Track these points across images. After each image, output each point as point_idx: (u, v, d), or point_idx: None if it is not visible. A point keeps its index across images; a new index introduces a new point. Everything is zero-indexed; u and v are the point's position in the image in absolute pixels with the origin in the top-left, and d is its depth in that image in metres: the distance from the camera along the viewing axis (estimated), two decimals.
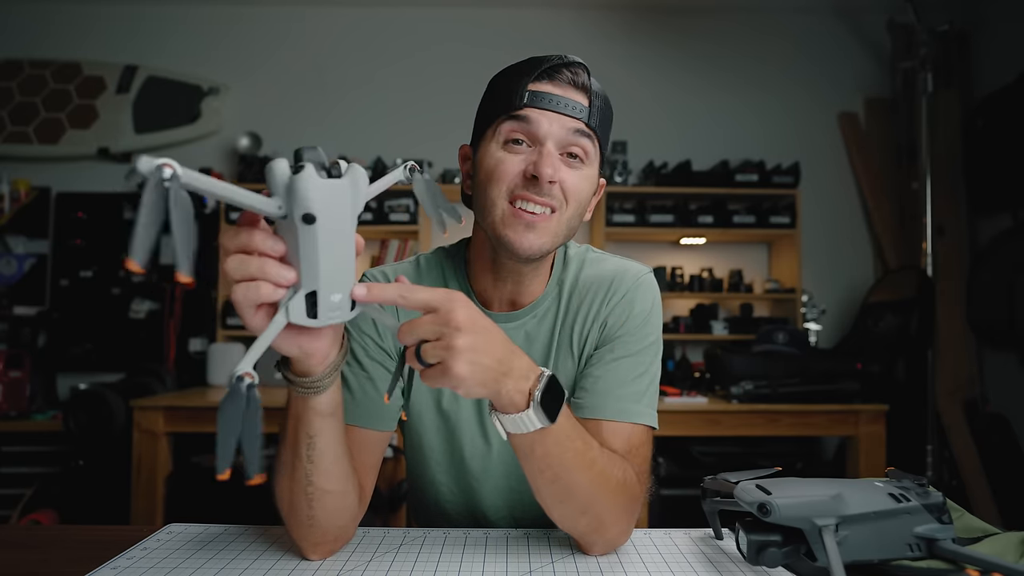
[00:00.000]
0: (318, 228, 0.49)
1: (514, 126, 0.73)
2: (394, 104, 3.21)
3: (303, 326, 0.53)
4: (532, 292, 0.84)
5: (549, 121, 0.72)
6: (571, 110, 0.72)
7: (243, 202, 0.47)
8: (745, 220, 2.92)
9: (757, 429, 2.30)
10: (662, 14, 3.24)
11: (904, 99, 3.12)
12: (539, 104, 0.72)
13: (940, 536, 0.60)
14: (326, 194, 0.49)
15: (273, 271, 0.51)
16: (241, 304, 0.52)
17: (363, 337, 0.82)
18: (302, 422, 0.63)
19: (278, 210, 0.49)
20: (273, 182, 0.48)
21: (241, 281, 0.51)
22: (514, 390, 0.59)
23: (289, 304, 0.51)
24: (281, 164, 0.48)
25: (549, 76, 0.73)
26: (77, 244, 2.99)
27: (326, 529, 0.68)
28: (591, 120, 0.74)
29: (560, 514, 0.67)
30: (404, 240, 3.04)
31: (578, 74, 0.74)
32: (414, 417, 0.86)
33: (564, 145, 0.73)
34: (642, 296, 0.83)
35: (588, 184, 0.76)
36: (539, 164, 0.71)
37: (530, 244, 0.73)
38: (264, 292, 0.51)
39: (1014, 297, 2.54)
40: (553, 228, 0.74)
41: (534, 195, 0.72)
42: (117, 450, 2.33)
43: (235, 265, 0.51)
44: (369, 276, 0.88)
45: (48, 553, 0.74)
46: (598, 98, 0.75)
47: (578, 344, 0.83)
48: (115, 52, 3.13)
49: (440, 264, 0.88)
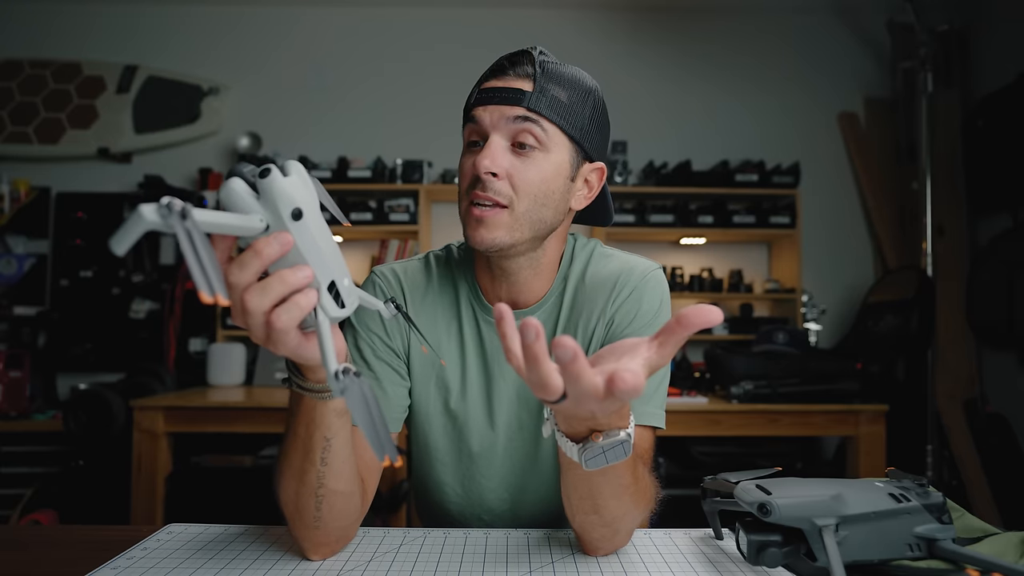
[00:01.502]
0: (308, 220, 0.49)
1: (470, 128, 0.75)
2: (394, 104, 3.21)
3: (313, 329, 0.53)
4: (535, 290, 0.83)
5: (490, 114, 0.73)
6: (509, 99, 0.72)
7: (232, 224, 0.46)
8: (745, 220, 2.92)
9: (757, 429, 2.30)
10: (663, 14, 3.24)
11: (904, 99, 3.12)
12: (483, 101, 0.73)
13: (940, 536, 0.60)
14: (299, 186, 0.49)
15: (294, 279, 0.48)
16: (285, 331, 0.48)
17: (371, 336, 0.82)
18: (319, 426, 0.62)
19: (260, 223, 0.47)
20: (242, 199, 0.47)
21: (273, 309, 0.48)
22: (574, 425, 0.55)
23: (321, 304, 0.51)
24: (238, 182, 0.47)
25: (495, 73, 0.75)
26: (77, 244, 2.98)
27: (330, 530, 0.68)
28: (534, 103, 0.72)
29: (580, 521, 0.67)
30: (404, 240, 3.04)
31: (520, 63, 0.73)
32: (421, 418, 0.86)
33: (511, 135, 0.73)
34: (650, 293, 0.81)
35: (540, 173, 0.74)
36: (476, 159, 0.72)
37: (482, 239, 0.73)
38: (304, 302, 0.48)
39: (1013, 297, 2.54)
40: (506, 222, 0.73)
41: (479, 191, 0.72)
42: (117, 450, 2.33)
43: (257, 300, 0.47)
44: (377, 274, 0.87)
45: (48, 553, 0.74)
46: (554, 82, 0.73)
47: (583, 343, 0.82)
48: (115, 52, 3.13)
49: (449, 263, 0.88)
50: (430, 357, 0.84)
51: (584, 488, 0.62)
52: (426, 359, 0.84)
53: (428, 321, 0.84)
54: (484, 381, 0.84)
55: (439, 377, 0.84)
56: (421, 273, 0.87)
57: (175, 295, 2.92)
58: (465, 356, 0.84)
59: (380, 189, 2.93)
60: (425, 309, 0.85)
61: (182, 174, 3.12)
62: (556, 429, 0.57)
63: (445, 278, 0.87)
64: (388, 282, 0.86)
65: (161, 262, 3.00)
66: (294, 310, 0.48)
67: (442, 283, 0.86)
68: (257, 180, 0.47)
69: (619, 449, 0.54)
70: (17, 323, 2.91)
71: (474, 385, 0.84)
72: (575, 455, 0.55)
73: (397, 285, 0.86)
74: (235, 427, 2.21)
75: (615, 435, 0.54)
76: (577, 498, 0.64)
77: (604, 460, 0.54)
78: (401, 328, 0.84)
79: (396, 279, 0.86)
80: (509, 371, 0.83)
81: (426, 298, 0.85)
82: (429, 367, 0.85)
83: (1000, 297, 2.60)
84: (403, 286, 0.86)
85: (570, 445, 0.56)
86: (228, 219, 0.45)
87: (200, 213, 0.41)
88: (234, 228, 0.46)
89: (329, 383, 0.49)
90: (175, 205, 0.39)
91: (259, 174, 0.47)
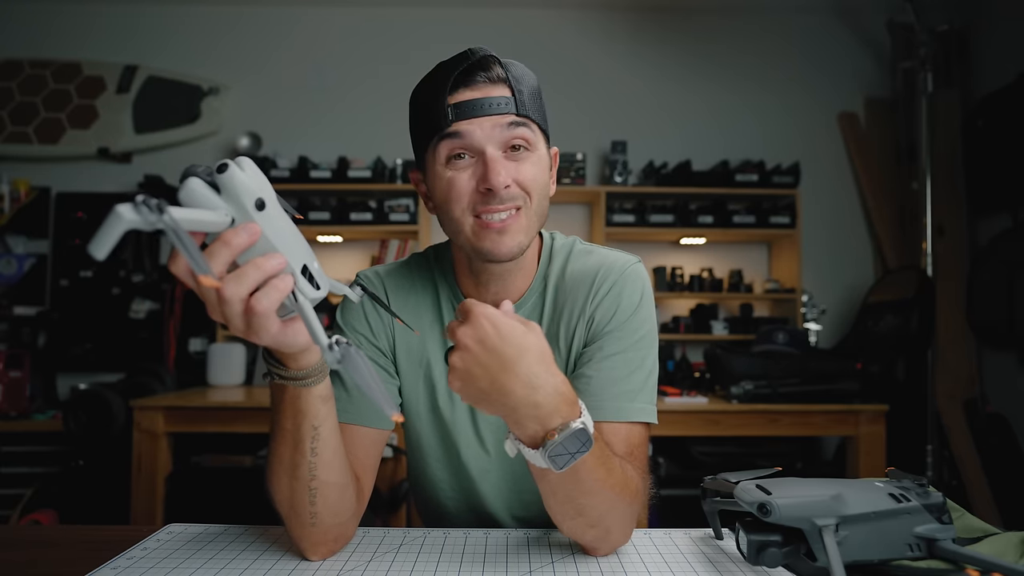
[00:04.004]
0: (270, 209, 0.50)
1: (450, 144, 0.72)
2: (394, 104, 3.17)
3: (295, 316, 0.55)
4: (518, 288, 0.83)
5: (481, 127, 0.71)
6: (498, 108, 0.71)
7: (203, 220, 0.47)
8: (745, 220, 2.92)
9: (757, 429, 2.30)
10: (663, 14, 3.24)
11: (904, 99, 3.12)
12: (465, 115, 0.71)
13: (940, 536, 0.60)
14: (257, 178, 0.50)
15: (268, 265, 0.49)
16: (266, 315, 0.50)
17: (356, 336, 0.83)
18: (306, 415, 0.62)
19: (225, 217, 0.48)
20: (203, 197, 0.48)
21: (251, 295, 0.49)
22: (525, 425, 0.57)
23: (298, 287, 0.52)
24: (196, 181, 0.48)
25: (464, 83, 0.71)
26: (77, 244, 2.98)
27: (328, 527, 0.68)
28: (520, 108, 0.72)
29: (569, 527, 0.67)
30: (404, 240, 3.04)
31: (491, 69, 0.72)
32: (411, 415, 0.86)
33: (504, 142, 0.72)
34: (630, 288, 0.80)
35: (540, 168, 0.75)
36: (488, 176, 0.70)
37: (508, 248, 0.73)
38: (282, 285, 0.50)
39: (1013, 297, 2.54)
40: (524, 224, 0.74)
41: (495, 205, 0.72)
42: (117, 450, 2.33)
43: (233, 288, 0.48)
44: (362, 276, 0.88)
45: (48, 553, 0.74)
46: (519, 81, 0.73)
47: (565, 341, 0.82)
48: (115, 52, 3.13)
49: (430, 265, 0.88)
50: (416, 356, 0.85)
51: (561, 493, 0.63)
52: (412, 358, 0.85)
53: (412, 322, 0.85)
54: None
55: (426, 376, 0.85)
56: (403, 275, 0.88)
57: (175, 295, 2.92)
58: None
59: (380, 189, 2.93)
60: (408, 309, 0.85)
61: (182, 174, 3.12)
62: (516, 442, 0.59)
63: (427, 279, 0.87)
64: (371, 283, 0.87)
65: (161, 262, 3.01)
66: (273, 293, 0.49)
67: (424, 284, 0.87)
68: (216, 176, 0.48)
69: (575, 439, 0.57)
70: (17, 323, 2.91)
71: None
72: (541, 460, 0.57)
73: (380, 285, 0.86)
74: (235, 427, 2.21)
75: (568, 427, 0.56)
76: (557, 504, 0.64)
77: (568, 455, 0.57)
78: (386, 327, 0.84)
79: (379, 280, 0.87)
80: None
81: (409, 298, 0.86)
82: (416, 366, 0.85)
83: (1000, 297, 2.60)
84: (386, 287, 0.86)
85: (532, 452, 0.58)
86: (199, 214, 0.46)
87: (174, 209, 0.42)
88: (205, 224, 0.47)
89: (324, 355, 0.51)
90: (151, 201, 0.39)
91: (217, 169, 0.48)
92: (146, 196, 0.39)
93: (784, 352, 2.52)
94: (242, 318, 0.50)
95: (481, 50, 0.71)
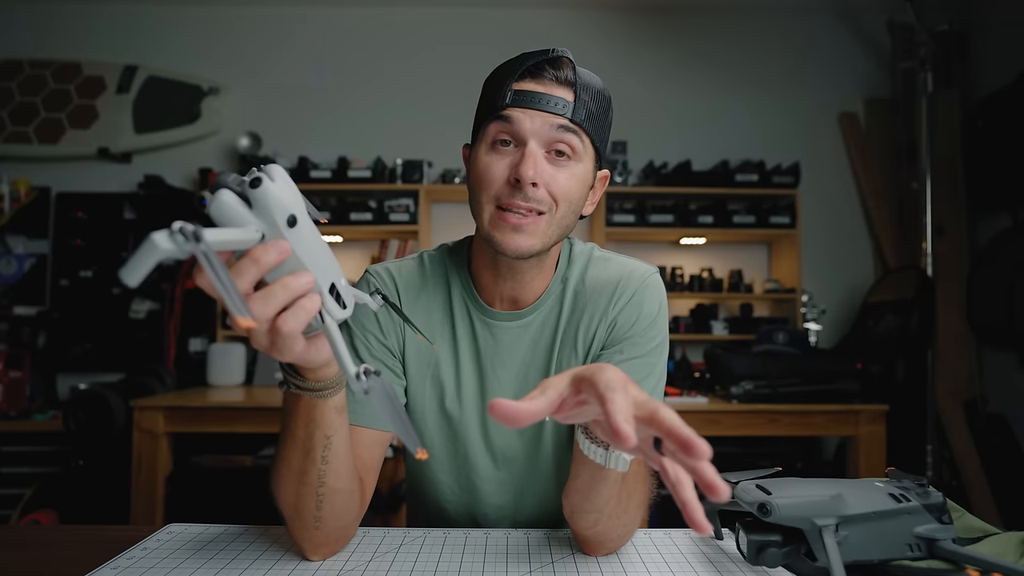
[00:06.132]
0: (302, 225, 0.49)
1: (499, 127, 0.73)
2: (394, 104, 3.21)
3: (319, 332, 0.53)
4: (534, 289, 0.83)
5: (531, 119, 0.71)
6: (554, 107, 0.71)
7: (237, 240, 0.45)
8: (745, 220, 2.92)
9: (757, 429, 2.30)
10: (663, 14, 3.24)
11: (904, 99, 3.12)
12: (522, 103, 0.72)
13: (940, 536, 0.60)
14: (289, 192, 0.48)
15: (296, 284, 0.47)
16: (292, 336, 0.48)
17: (366, 334, 0.82)
18: (319, 425, 0.62)
19: (256, 233, 0.47)
20: (235, 211, 0.46)
21: (278, 315, 0.47)
22: None
23: (326, 307, 0.51)
24: (228, 194, 0.46)
25: (532, 74, 0.73)
26: (77, 244, 2.98)
27: (330, 530, 0.68)
28: (576, 115, 0.72)
29: (580, 521, 0.68)
30: (404, 240, 3.04)
31: (562, 69, 0.73)
32: (417, 417, 0.86)
33: (549, 143, 0.72)
34: (650, 297, 0.82)
35: (577, 182, 0.75)
36: (521, 166, 0.71)
37: (518, 246, 0.73)
38: (309, 306, 0.48)
39: (1014, 297, 2.54)
40: (542, 230, 0.74)
41: (519, 201, 0.72)
42: (117, 450, 2.33)
43: (260, 307, 0.46)
44: (372, 272, 0.88)
45: (48, 553, 0.74)
46: (586, 92, 0.73)
47: (583, 344, 0.83)
48: (115, 52, 3.13)
49: (443, 262, 0.88)
50: (425, 356, 0.84)
51: (612, 487, 0.64)
52: (421, 357, 0.85)
53: (423, 320, 0.85)
54: (478, 380, 0.84)
55: (434, 376, 0.85)
56: (415, 272, 0.87)
57: (175, 295, 2.92)
58: (459, 355, 0.84)
59: (380, 189, 2.93)
60: (419, 308, 0.85)
61: (182, 174, 3.12)
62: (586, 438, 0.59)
63: (439, 277, 0.87)
64: (382, 280, 0.86)
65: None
66: (300, 314, 0.48)
67: (436, 282, 0.87)
68: (248, 190, 0.46)
69: None
70: (17, 323, 2.91)
71: (469, 384, 0.84)
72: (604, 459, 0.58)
73: (391, 283, 0.86)
74: (235, 427, 2.21)
75: None
76: (580, 499, 0.65)
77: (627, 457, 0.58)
78: (396, 326, 0.84)
79: (390, 277, 0.86)
80: (503, 369, 0.84)
81: (420, 297, 0.86)
82: (424, 366, 0.85)
83: (1000, 297, 2.60)
84: (397, 285, 0.86)
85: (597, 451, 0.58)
86: (233, 235, 0.44)
87: (210, 233, 0.40)
88: (239, 243, 0.45)
89: (351, 384, 0.49)
90: (187, 229, 0.38)
91: (250, 184, 0.46)
92: (183, 224, 0.38)
93: (784, 352, 2.52)
94: (267, 336, 0.49)
95: (561, 51, 0.73)
